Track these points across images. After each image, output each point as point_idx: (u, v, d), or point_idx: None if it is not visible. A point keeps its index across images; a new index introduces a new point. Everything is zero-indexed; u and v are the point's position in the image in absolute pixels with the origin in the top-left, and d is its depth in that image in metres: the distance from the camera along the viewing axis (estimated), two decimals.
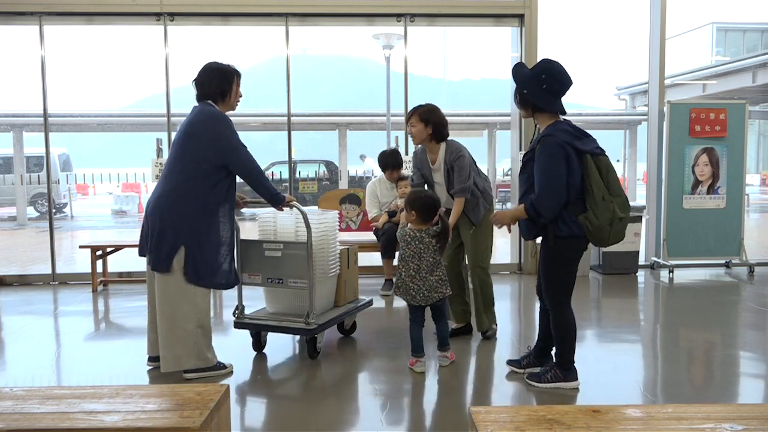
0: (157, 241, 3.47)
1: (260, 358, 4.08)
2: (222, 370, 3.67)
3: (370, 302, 4.60)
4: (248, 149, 3.59)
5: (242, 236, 4.03)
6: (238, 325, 4.05)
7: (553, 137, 3.18)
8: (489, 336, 4.40)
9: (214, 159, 3.48)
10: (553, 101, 3.26)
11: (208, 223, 3.49)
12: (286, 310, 4.08)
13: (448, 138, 4.26)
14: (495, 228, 3.99)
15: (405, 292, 3.64)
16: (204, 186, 3.47)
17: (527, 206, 3.27)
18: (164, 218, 3.46)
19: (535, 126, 3.38)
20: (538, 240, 3.43)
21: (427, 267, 3.60)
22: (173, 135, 6.80)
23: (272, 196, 3.66)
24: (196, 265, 3.46)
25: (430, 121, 4.15)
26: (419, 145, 4.29)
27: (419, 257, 3.60)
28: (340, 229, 6.50)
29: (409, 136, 4.61)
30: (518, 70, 3.36)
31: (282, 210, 3.83)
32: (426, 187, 4.35)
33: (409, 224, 3.70)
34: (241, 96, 3.76)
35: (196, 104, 3.65)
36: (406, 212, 3.70)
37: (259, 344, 4.15)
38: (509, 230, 3.58)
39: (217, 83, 3.60)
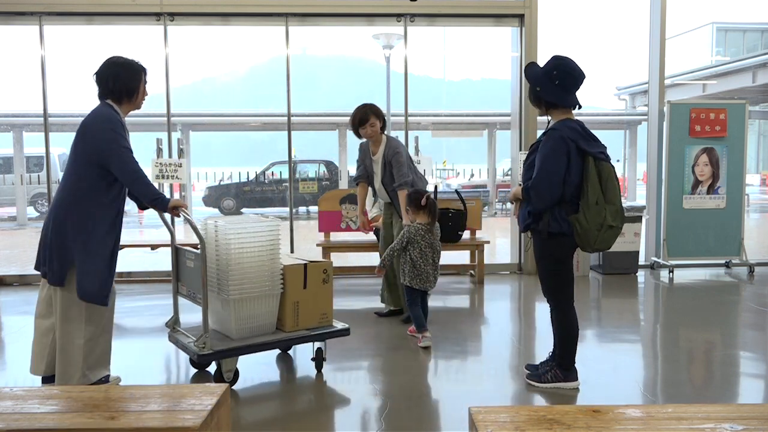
0: (49, 254, 3.22)
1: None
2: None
3: (346, 331, 3.79)
4: (133, 153, 3.30)
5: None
6: (170, 337, 3.75)
7: (558, 131, 3.20)
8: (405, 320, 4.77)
9: (100, 162, 3.20)
10: (566, 96, 3.26)
11: (100, 233, 3.22)
12: (216, 327, 3.65)
13: (389, 135, 4.83)
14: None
15: (425, 280, 4.18)
16: (94, 193, 3.22)
17: (523, 188, 3.30)
18: (56, 230, 3.21)
19: (548, 122, 3.39)
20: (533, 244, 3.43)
21: (438, 255, 4.25)
22: (173, 135, 6.85)
23: (155, 203, 3.29)
24: (86, 279, 3.18)
25: (380, 116, 4.76)
26: (366, 139, 4.80)
27: (432, 248, 4.19)
28: (340, 229, 6.53)
29: (361, 137, 4.91)
30: (531, 69, 3.37)
31: (178, 216, 3.40)
32: (367, 177, 4.92)
33: (417, 221, 4.20)
34: (146, 94, 3.48)
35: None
36: (411, 212, 4.24)
37: (194, 362, 3.77)
38: (515, 212, 3.55)
39: (124, 80, 3.33)
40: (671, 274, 6.73)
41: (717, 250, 6.99)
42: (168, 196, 3.43)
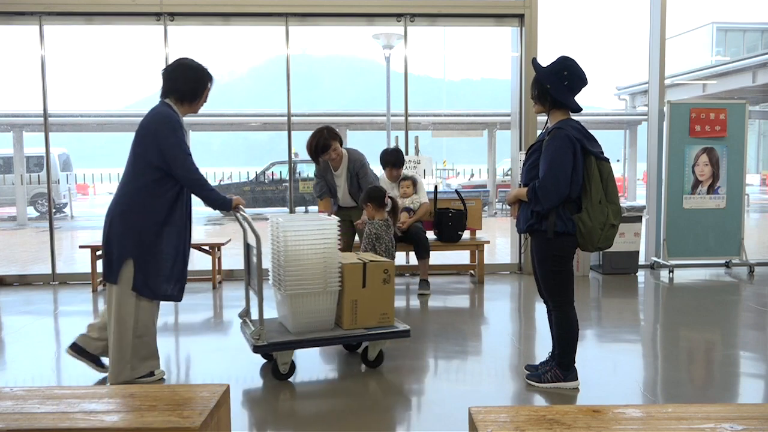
0: (106, 251, 3.37)
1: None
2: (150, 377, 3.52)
3: (406, 332, 3.76)
4: (192, 156, 3.37)
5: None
6: (241, 328, 3.96)
7: (564, 130, 3.20)
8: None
9: (160, 164, 3.29)
10: (571, 98, 3.27)
11: (157, 233, 3.32)
12: (282, 320, 3.82)
13: (346, 147, 5.11)
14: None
15: None
16: (153, 194, 3.30)
17: (529, 189, 3.27)
18: (113, 229, 3.34)
19: (546, 123, 3.38)
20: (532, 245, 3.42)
21: (395, 249, 4.81)
22: None
23: (217, 204, 3.46)
24: (143, 276, 3.32)
25: (338, 137, 4.96)
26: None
27: (392, 243, 4.71)
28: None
29: (328, 161, 5.08)
30: (539, 65, 3.35)
31: (237, 213, 3.56)
32: (329, 191, 5.25)
33: (377, 217, 4.65)
34: (206, 102, 3.56)
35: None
36: (372, 209, 4.66)
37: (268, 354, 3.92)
38: (513, 214, 3.54)
39: (192, 82, 3.42)
40: (671, 274, 6.73)
41: (717, 250, 6.99)
42: None
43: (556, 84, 3.24)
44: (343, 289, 3.62)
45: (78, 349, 3.57)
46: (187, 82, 3.41)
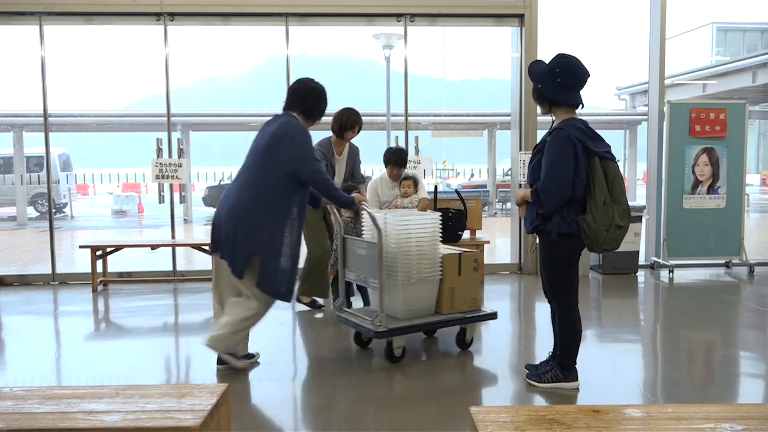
0: (232, 249, 3.53)
1: (362, 352, 4.15)
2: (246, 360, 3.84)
3: (493, 315, 4.18)
4: (319, 162, 3.77)
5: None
6: (338, 318, 4.15)
7: (564, 131, 3.17)
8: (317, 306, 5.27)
9: (292, 171, 3.57)
10: (569, 94, 3.23)
11: (280, 233, 3.56)
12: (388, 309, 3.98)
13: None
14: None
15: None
16: (281, 198, 3.57)
17: (532, 190, 3.27)
18: (241, 229, 3.52)
19: (552, 122, 3.37)
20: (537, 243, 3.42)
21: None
22: (173, 135, 6.84)
23: (342, 203, 3.85)
24: (266, 273, 3.53)
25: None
26: (329, 139, 5.16)
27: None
28: None
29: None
30: (534, 66, 3.35)
31: (359, 211, 4.01)
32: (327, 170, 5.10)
33: (346, 215, 4.75)
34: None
35: (280, 113, 3.77)
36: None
37: (360, 340, 4.21)
38: (521, 214, 3.53)
39: (315, 103, 3.78)
40: (671, 274, 6.73)
41: (717, 250, 6.99)
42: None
43: (549, 83, 3.23)
44: (443, 277, 3.98)
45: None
46: (318, 106, 3.79)
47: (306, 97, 3.75)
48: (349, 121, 5.10)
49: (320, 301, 5.39)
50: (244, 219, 3.51)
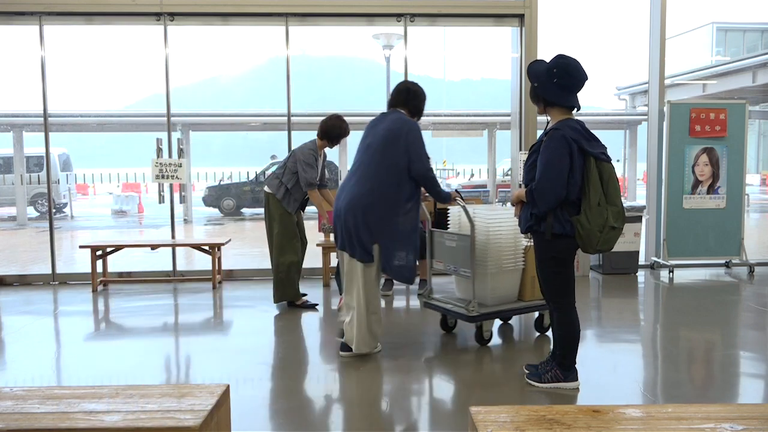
0: (357, 238, 3.81)
1: (447, 336, 4.50)
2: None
3: None
4: (428, 157, 3.95)
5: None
6: (426, 304, 4.45)
7: (560, 131, 3.18)
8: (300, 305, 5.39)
9: (406, 165, 3.80)
10: (566, 96, 3.24)
11: (398, 222, 3.82)
12: (468, 296, 4.25)
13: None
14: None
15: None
16: (397, 188, 3.80)
17: (527, 191, 3.27)
18: (361, 219, 3.78)
19: (547, 122, 3.37)
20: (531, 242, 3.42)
21: None
22: (173, 135, 6.84)
23: (442, 198, 4.06)
24: (387, 260, 3.83)
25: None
26: (318, 145, 5.32)
27: None
28: None
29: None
30: (533, 65, 3.35)
31: (453, 205, 4.22)
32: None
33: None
34: None
35: (388, 110, 4.08)
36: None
37: (446, 325, 4.55)
38: (516, 214, 3.55)
39: (421, 101, 4.10)
40: (671, 274, 6.73)
41: (717, 250, 6.99)
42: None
43: (545, 83, 3.23)
44: (525, 267, 4.33)
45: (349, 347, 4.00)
46: (421, 103, 4.11)
47: (412, 97, 4.05)
48: (345, 132, 5.34)
49: (310, 300, 5.49)
50: (363, 209, 3.77)
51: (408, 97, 4.05)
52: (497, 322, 4.71)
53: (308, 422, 3.12)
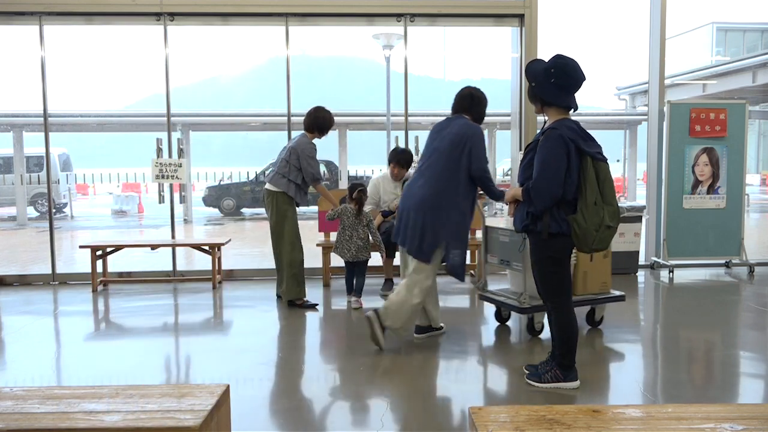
0: (420, 235, 3.98)
1: (501, 329, 4.70)
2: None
3: (621, 297, 4.68)
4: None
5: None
6: (482, 297, 4.72)
7: (557, 131, 3.18)
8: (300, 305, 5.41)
9: (468, 167, 3.99)
10: (563, 96, 3.24)
11: (462, 222, 4.03)
12: (520, 289, 4.44)
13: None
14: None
15: (341, 252, 5.29)
16: (461, 190, 4.00)
17: (523, 189, 3.28)
18: (429, 218, 3.96)
19: (544, 122, 3.38)
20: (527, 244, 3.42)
21: (359, 238, 5.31)
22: (173, 135, 6.84)
23: (496, 196, 4.18)
24: (452, 258, 4.02)
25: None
26: (303, 134, 5.48)
27: (353, 228, 5.29)
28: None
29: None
30: (531, 65, 3.36)
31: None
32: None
33: (353, 205, 5.27)
34: None
35: (452, 115, 4.21)
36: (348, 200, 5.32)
37: (500, 317, 4.78)
38: (510, 213, 3.57)
39: (483, 109, 4.23)
40: (671, 274, 6.73)
41: (717, 250, 6.99)
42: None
43: (543, 83, 3.24)
44: (576, 262, 4.47)
45: (424, 330, 4.37)
46: (483, 109, 4.24)
47: (476, 103, 4.20)
48: (333, 122, 5.58)
49: (310, 300, 5.48)
50: (432, 211, 3.96)
51: (471, 104, 4.19)
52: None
53: (308, 422, 3.12)
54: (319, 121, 5.40)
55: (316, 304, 5.41)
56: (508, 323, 4.80)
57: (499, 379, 3.73)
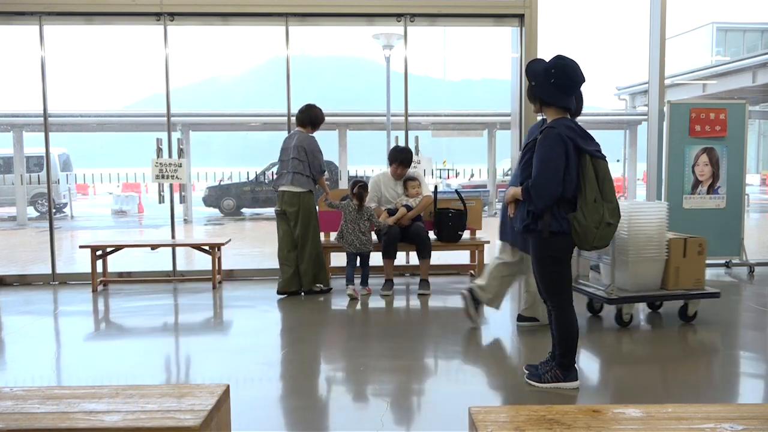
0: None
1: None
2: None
3: (716, 294, 4.75)
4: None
5: None
6: (574, 288, 4.67)
7: (556, 129, 3.19)
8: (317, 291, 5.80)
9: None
10: (562, 97, 3.25)
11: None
12: (621, 284, 4.61)
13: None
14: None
15: (347, 244, 5.61)
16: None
17: (523, 188, 3.28)
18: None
19: (543, 121, 3.38)
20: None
21: (361, 232, 5.62)
22: (173, 135, 6.84)
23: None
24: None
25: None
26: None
27: (355, 223, 5.59)
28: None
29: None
30: (532, 64, 3.36)
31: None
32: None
33: (354, 200, 5.58)
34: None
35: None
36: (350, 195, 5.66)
37: (592, 308, 5.01)
38: (510, 213, 3.55)
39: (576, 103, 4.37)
40: None
41: (717, 250, 6.97)
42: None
43: (543, 82, 3.24)
44: (669, 258, 4.61)
45: (473, 297, 4.63)
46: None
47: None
48: (324, 121, 5.92)
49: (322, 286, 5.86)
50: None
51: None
52: (644, 309, 5.13)
53: (308, 422, 3.12)
54: (312, 117, 5.78)
55: (331, 288, 5.91)
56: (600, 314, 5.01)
57: (499, 379, 3.73)
